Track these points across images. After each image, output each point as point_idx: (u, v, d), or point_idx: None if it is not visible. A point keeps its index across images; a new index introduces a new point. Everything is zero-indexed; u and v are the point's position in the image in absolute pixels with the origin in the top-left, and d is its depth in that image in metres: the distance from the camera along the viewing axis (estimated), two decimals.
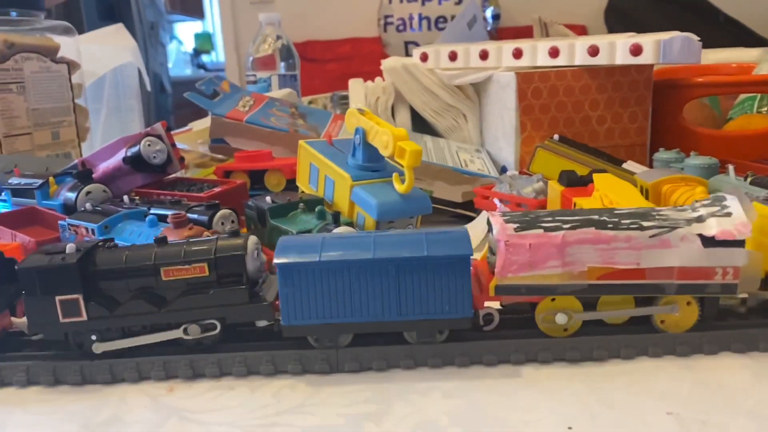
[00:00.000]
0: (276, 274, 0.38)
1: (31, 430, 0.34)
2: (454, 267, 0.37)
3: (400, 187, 0.53)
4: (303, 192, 0.61)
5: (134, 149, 0.64)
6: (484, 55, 0.80)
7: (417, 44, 2.06)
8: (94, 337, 0.39)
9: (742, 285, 0.38)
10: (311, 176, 0.60)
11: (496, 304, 0.42)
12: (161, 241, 0.40)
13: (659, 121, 0.76)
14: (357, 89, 0.89)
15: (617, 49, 0.69)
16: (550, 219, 0.39)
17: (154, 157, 0.65)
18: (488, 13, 2.00)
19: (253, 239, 0.40)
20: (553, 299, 0.39)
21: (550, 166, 0.66)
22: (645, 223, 0.38)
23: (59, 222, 0.56)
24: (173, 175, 0.68)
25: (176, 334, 0.39)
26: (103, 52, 1.12)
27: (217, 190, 0.61)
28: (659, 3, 2.11)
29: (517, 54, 0.76)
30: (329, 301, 0.38)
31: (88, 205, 0.57)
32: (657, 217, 0.39)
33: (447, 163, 0.72)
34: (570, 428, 0.32)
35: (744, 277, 0.38)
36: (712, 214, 0.38)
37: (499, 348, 0.39)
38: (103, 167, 0.66)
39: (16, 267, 0.38)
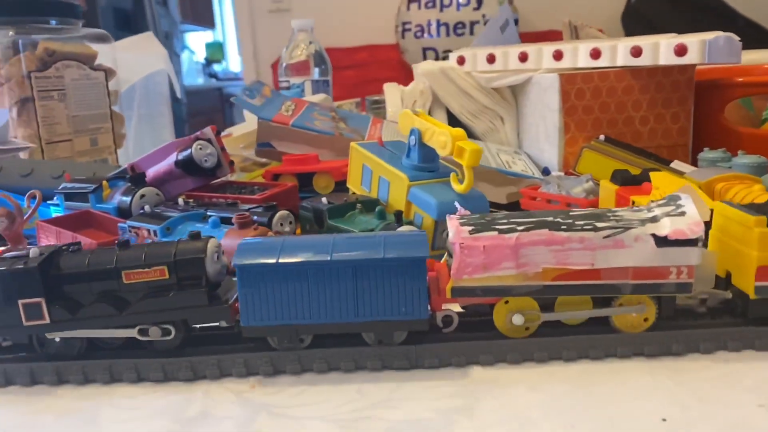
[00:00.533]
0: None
1: (124, 425, 0.35)
2: (410, 269, 0.38)
3: (458, 187, 0.53)
4: (354, 193, 0.62)
5: (186, 153, 0.65)
6: (523, 58, 0.80)
7: (435, 50, 2.07)
8: (57, 340, 0.40)
9: (697, 284, 0.39)
10: (364, 177, 0.60)
11: (456, 307, 0.42)
12: (123, 244, 0.41)
13: (700, 121, 0.76)
14: (393, 93, 0.90)
15: (661, 49, 0.69)
16: (505, 221, 0.39)
17: (206, 160, 0.65)
18: None
19: (213, 242, 0.41)
20: (506, 301, 0.40)
21: (596, 166, 0.67)
22: (599, 224, 0.38)
23: (119, 224, 0.57)
24: (221, 179, 0.69)
25: (132, 333, 0.40)
26: (136, 60, 1.13)
27: (269, 192, 0.62)
28: (677, 6, 2.11)
29: (558, 56, 0.77)
30: (288, 302, 0.38)
31: (147, 208, 0.58)
32: (612, 218, 0.39)
33: (490, 164, 0.72)
34: (664, 419, 0.32)
35: (698, 276, 0.38)
36: (667, 214, 0.39)
37: (579, 343, 0.39)
38: (153, 171, 0.67)
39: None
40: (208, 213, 0.56)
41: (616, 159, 0.66)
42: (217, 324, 0.41)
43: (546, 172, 0.76)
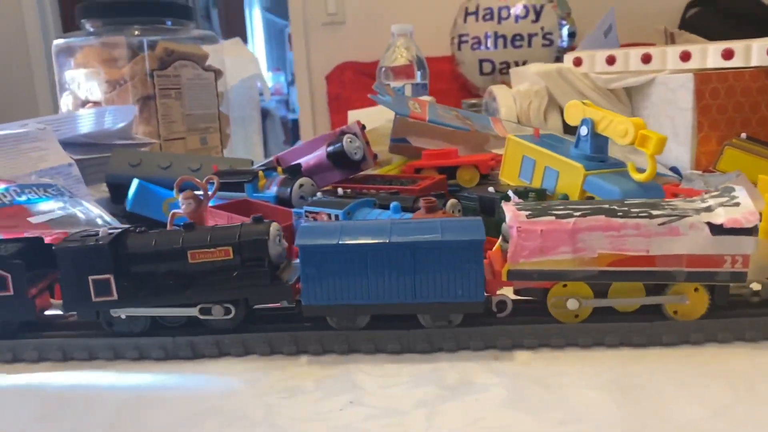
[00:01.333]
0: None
1: (389, 390, 0.35)
2: (468, 251, 0.38)
3: (638, 176, 0.54)
4: (508, 184, 0.63)
5: (337, 145, 0.66)
6: (646, 59, 0.81)
7: (492, 62, 2.09)
8: (123, 316, 0.41)
9: (752, 274, 0.38)
10: (523, 169, 0.61)
11: (509, 293, 0.42)
12: (188, 226, 0.42)
13: None
14: (504, 94, 0.91)
15: None
16: (561, 207, 0.40)
17: (355, 153, 0.67)
18: (564, 31, 2.02)
19: (275, 226, 0.42)
20: (564, 285, 0.40)
21: (739, 163, 0.67)
22: (654, 212, 0.39)
23: (293, 210, 0.58)
24: (363, 173, 0.70)
25: (194, 312, 0.41)
26: (231, 64, 1.16)
27: (424, 183, 0.63)
28: (732, 19, 2.11)
29: (685, 57, 0.77)
30: (347, 283, 0.39)
31: (319, 194, 0.59)
32: (666, 206, 0.39)
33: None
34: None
35: (754, 265, 0.38)
36: (721, 204, 0.39)
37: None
38: (303, 163, 0.68)
39: (53, 248, 0.40)
40: (376, 200, 0.57)
41: (760, 156, 0.67)
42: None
43: (675, 171, 0.76)
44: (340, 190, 0.63)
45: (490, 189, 0.58)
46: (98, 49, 0.92)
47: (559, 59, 2.07)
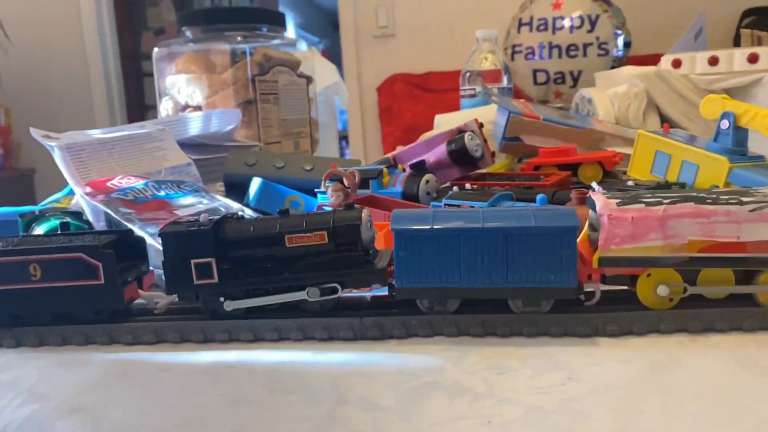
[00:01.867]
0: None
1: (597, 368, 0.36)
2: (561, 237, 0.39)
3: None
4: (637, 179, 0.63)
5: (459, 143, 0.67)
6: (753, 59, 0.81)
7: (546, 72, 2.09)
8: (222, 299, 0.42)
9: None
10: (656, 164, 0.61)
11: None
12: (284, 212, 0.44)
13: None
14: (601, 97, 0.91)
15: None
16: (650, 195, 0.40)
17: (476, 150, 0.68)
18: (620, 40, 2.02)
19: (366, 212, 0.43)
20: (649, 274, 0.40)
21: None
22: (744, 199, 0.39)
23: (432, 203, 0.59)
24: (479, 171, 0.71)
25: (301, 295, 0.42)
26: (317, 72, 1.18)
27: (552, 179, 0.63)
28: None
29: None
30: (440, 266, 0.40)
31: (455, 189, 0.60)
32: (757, 194, 0.39)
33: None
34: None
35: None
36: None
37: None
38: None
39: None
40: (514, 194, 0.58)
41: None
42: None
43: None
44: (467, 186, 0.64)
45: (630, 183, 0.58)
46: (199, 55, 0.95)
47: (614, 68, 2.07)
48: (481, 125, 0.70)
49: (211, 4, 3.37)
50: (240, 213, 0.62)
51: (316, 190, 0.73)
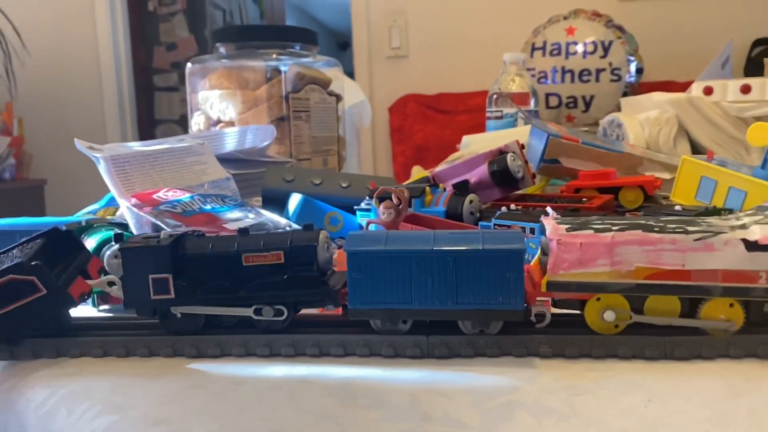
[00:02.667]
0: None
1: (676, 389, 0.36)
2: (508, 260, 0.40)
3: None
4: (682, 204, 0.63)
5: (501, 163, 0.68)
6: None
7: (558, 96, 2.11)
8: (179, 315, 0.43)
9: None
10: (701, 189, 0.62)
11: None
12: (243, 231, 0.45)
13: None
14: (631, 122, 0.92)
15: None
16: (599, 222, 0.41)
17: (517, 171, 0.68)
18: (632, 67, 2.05)
19: (324, 233, 0.44)
20: (598, 298, 0.41)
21: None
22: (690, 228, 0.40)
23: (480, 223, 0.59)
24: (518, 192, 0.72)
25: (248, 312, 0.43)
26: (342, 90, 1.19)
27: (597, 202, 0.64)
28: None
29: None
30: (392, 288, 0.41)
31: (504, 209, 0.60)
32: (702, 223, 0.40)
33: None
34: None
35: None
36: (756, 222, 0.40)
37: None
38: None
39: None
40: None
41: None
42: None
43: None
44: (512, 206, 0.64)
45: (677, 207, 0.58)
46: (232, 71, 0.96)
47: (626, 94, 2.10)
48: (522, 146, 0.70)
49: (223, 21, 3.41)
50: (287, 227, 0.62)
51: (355, 207, 0.73)
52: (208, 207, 0.64)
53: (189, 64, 1.00)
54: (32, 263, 0.43)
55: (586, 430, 0.32)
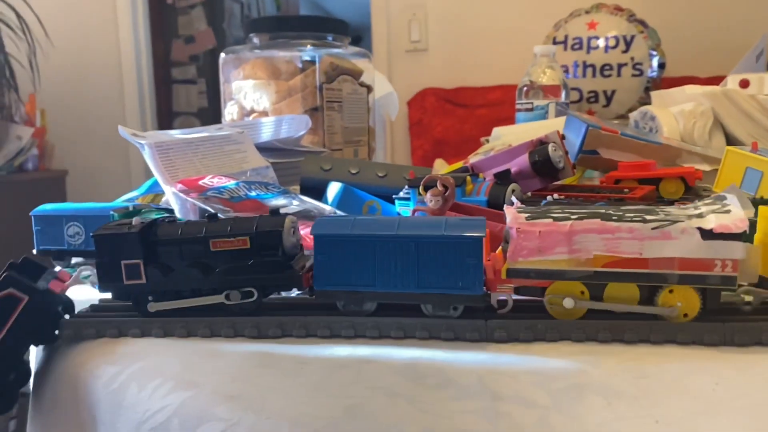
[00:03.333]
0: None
1: (749, 376, 0.36)
2: (468, 247, 0.41)
3: None
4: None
5: (543, 153, 0.68)
6: None
7: (579, 91, 2.10)
8: (150, 298, 0.45)
9: (741, 277, 0.40)
10: (746, 180, 0.62)
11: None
12: (212, 217, 0.45)
13: None
14: (665, 114, 0.92)
15: None
16: (559, 211, 0.42)
17: (558, 161, 0.68)
18: (654, 62, 2.03)
19: (290, 219, 0.45)
20: (558, 286, 0.41)
21: None
22: (648, 217, 0.40)
23: None
24: (556, 182, 0.72)
25: (220, 298, 0.44)
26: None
27: (640, 192, 0.64)
28: None
29: None
30: (357, 270, 0.42)
31: (550, 197, 0.61)
32: (660, 213, 0.41)
33: None
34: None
35: (743, 270, 0.40)
36: (712, 211, 0.40)
37: None
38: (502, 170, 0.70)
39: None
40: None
41: None
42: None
43: None
44: (556, 195, 0.64)
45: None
46: (266, 62, 0.97)
47: (648, 89, 2.08)
48: (563, 137, 0.70)
49: (240, 13, 3.41)
50: (332, 213, 0.62)
51: (394, 196, 0.74)
52: (253, 194, 0.64)
53: (222, 54, 1.01)
54: (1, 277, 0.44)
55: (655, 411, 0.32)
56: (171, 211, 0.63)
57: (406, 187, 0.72)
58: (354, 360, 0.39)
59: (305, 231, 0.54)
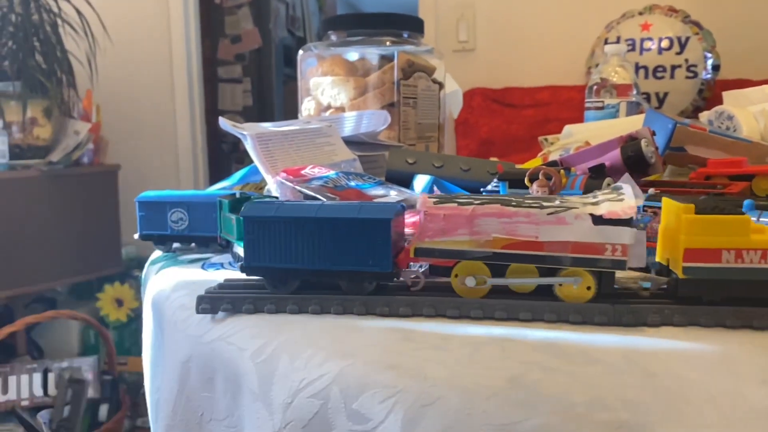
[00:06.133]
0: None
1: None
2: (377, 227, 0.45)
3: None
4: None
5: (636, 149, 0.69)
6: None
7: None
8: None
9: (631, 261, 0.43)
10: None
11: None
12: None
13: None
14: (744, 114, 0.92)
15: None
16: (464, 198, 0.45)
17: (650, 157, 0.69)
18: (709, 63, 2.01)
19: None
20: (462, 265, 0.45)
21: None
22: (545, 203, 0.44)
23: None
24: (645, 178, 0.72)
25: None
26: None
27: (734, 188, 0.64)
28: None
29: None
30: (281, 250, 0.47)
31: (651, 190, 0.61)
32: (558, 200, 0.44)
33: None
34: None
35: (632, 254, 0.42)
36: (608, 200, 0.44)
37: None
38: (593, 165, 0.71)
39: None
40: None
41: None
42: None
43: None
44: (652, 190, 0.65)
45: None
46: (344, 59, 0.99)
47: (701, 91, 2.06)
48: (653, 133, 0.71)
49: (286, 13, 3.46)
50: None
51: (482, 189, 0.75)
52: (353, 183, 0.66)
53: (300, 51, 1.03)
54: None
55: None
56: (276, 198, 0.66)
57: (496, 180, 0.73)
58: (493, 339, 0.41)
59: (413, 219, 0.56)
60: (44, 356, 2.04)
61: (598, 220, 0.43)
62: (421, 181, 0.76)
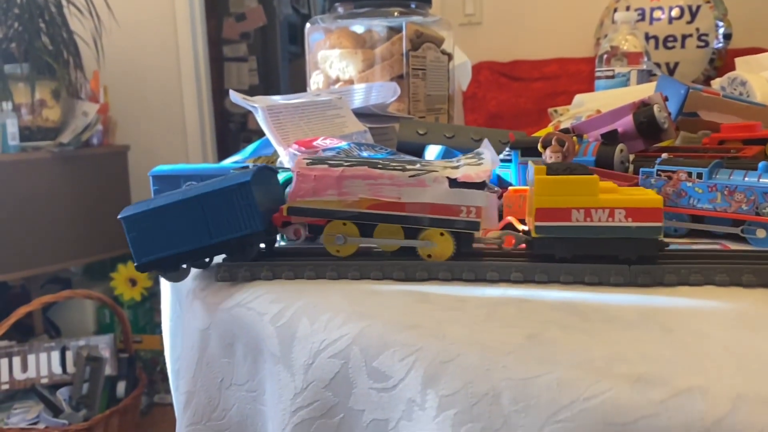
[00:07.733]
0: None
1: None
2: (238, 192, 0.46)
3: None
4: None
5: (648, 114, 0.69)
6: None
7: None
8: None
9: (484, 223, 0.45)
10: None
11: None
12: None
13: None
14: (757, 79, 0.91)
15: None
16: (336, 160, 0.47)
17: (663, 122, 0.69)
18: (720, 32, 1.98)
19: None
20: (333, 225, 0.47)
21: None
22: (408, 167, 0.46)
23: (641, 169, 0.61)
24: (657, 144, 0.72)
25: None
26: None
27: (749, 152, 0.64)
28: None
29: None
30: (162, 239, 0.48)
31: (665, 155, 0.61)
32: (418, 163, 0.46)
33: None
34: None
35: (485, 216, 0.45)
36: (468, 164, 0.46)
37: None
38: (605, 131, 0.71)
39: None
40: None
41: None
42: None
43: None
44: (665, 155, 0.65)
45: None
46: (351, 31, 0.98)
47: (713, 61, 2.03)
48: (666, 99, 0.70)
49: None
50: None
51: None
52: (365, 154, 0.66)
53: (308, 24, 1.03)
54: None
55: None
56: (287, 170, 0.66)
57: (507, 149, 0.73)
58: (510, 299, 0.41)
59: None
60: (61, 335, 2.07)
61: (454, 183, 0.45)
62: (432, 152, 0.76)
